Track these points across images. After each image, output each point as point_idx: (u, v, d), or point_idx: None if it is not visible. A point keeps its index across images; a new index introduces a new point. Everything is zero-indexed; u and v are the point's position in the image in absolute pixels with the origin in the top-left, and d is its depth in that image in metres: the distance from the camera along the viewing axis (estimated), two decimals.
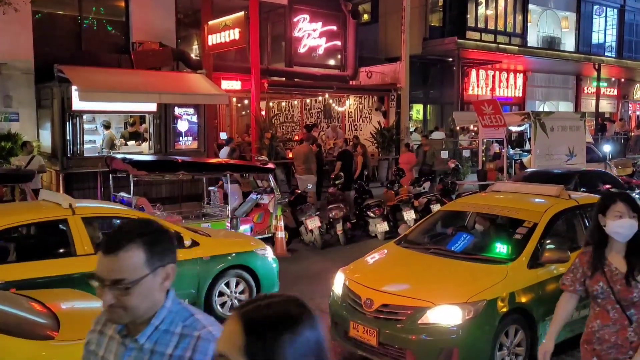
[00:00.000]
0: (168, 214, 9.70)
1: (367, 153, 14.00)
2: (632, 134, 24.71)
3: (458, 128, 18.70)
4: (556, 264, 5.06)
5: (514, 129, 13.96)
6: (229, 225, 9.45)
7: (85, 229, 5.48)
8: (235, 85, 15.49)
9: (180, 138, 12.45)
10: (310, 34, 18.25)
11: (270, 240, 9.88)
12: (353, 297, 5.10)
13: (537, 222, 5.38)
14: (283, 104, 21.59)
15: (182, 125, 12.45)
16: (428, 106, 22.11)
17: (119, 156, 9.37)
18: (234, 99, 18.30)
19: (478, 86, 22.05)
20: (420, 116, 21.98)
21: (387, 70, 18.93)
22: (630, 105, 30.37)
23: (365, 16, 22.77)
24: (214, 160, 11.04)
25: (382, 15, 21.48)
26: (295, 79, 17.66)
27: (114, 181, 9.57)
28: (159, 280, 1.62)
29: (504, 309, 4.64)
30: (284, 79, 17.50)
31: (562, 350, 5.30)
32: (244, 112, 19.90)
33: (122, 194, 9.33)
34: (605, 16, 28.71)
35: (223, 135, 16.97)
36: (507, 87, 23.30)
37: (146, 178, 10.01)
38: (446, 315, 4.54)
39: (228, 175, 9.63)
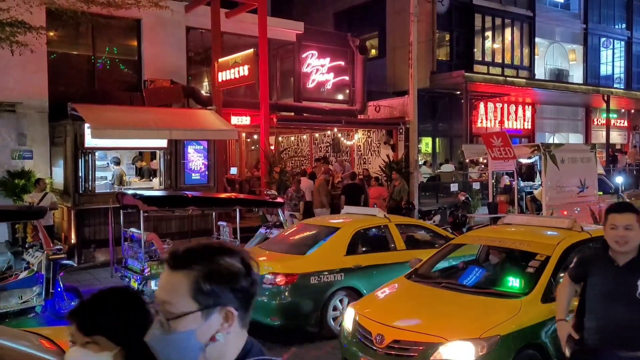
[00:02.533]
0: None
1: (365, 187, 14.05)
2: None
3: (467, 161, 18.67)
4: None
5: (524, 161, 13.90)
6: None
7: (398, 231, 7.67)
8: (245, 120, 15.68)
9: (191, 173, 12.54)
10: (319, 69, 18.53)
11: None
12: (363, 332, 5.01)
13: (550, 255, 5.29)
14: (292, 138, 21.78)
15: (192, 161, 12.56)
16: (437, 139, 22.17)
17: (130, 192, 9.43)
18: (244, 134, 18.50)
19: (487, 119, 22.13)
20: (430, 149, 22.02)
21: (395, 104, 19.09)
22: None
23: (373, 51, 23.14)
24: (223, 195, 11.08)
25: (389, 50, 21.82)
26: (304, 114, 17.86)
27: (125, 217, 9.60)
28: None
29: (518, 345, 4.52)
30: (292, 113, 17.70)
31: None
32: (253, 147, 20.10)
33: (132, 229, 9.35)
34: (613, 48, 28.91)
35: (233, 170, 17.10)
36: (515, 120, 23.35)
37: (156, 213, 10.04)
38: (459, 351, 4.44)
39: (237, 210, 9.64)
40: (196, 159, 12.53)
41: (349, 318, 5.35)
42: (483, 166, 18.61)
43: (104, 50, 14.16)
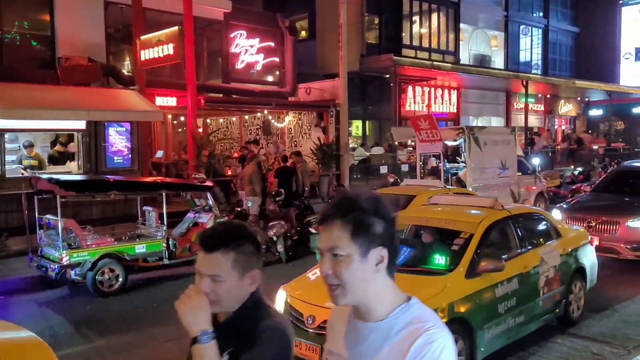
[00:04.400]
0: (100, 236, 9.25)
1: (297, 169, 13.96)
2: (559, 147, 26.04)
3: (396, 143, 19.03)
4: (492, 273, 5.12)
5: (449, 143, 14.30)
6: (164, 246, 9.10)
7: None
8: (171, 101, 15.11)
9: (113, 157, 11.95)
10: (248, 49, 18.16)
11: None
12: (295, 314, 4.98)
13: (474, 233, 5.45)
14: (221, 120, 21.31)
15: (114, 144, 11.97)
16: (367, 122, 22.44)
17: (45, 176, 8.86)
18: (170, 116, 17.87)
19: (415, 102, 22.63)
20: (360, 132, 22.26)
21: (326, 87, 19.09)
22: (556, 120, 32.09)
23: (303, 33, 22.98)
24: (148, 179, 10.65)
25: (319, 32, 21.73)
26: (233, 95, 17.47)
27: (40, 203, 9.01)
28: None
29: (444, 320, 4.62)
30: (221, 95, 17.27)
31: (500, 357, 5.38)
32: (180, 129, 19.47)
33: (49, 216, 8.81)
34: (531, 35, 30.35)
35: (159, 154, 16.47)
36: (442, 103, 24.05)
37: (75, 199, 9.50)
38: None
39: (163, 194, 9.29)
40: (118, 142, 11.97)
41: (280, 300, 5.27)
42: (411, 149, 19.03)
43: (13, 24, 13.15)
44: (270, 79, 19.37)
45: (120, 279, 8.44)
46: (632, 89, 30.72)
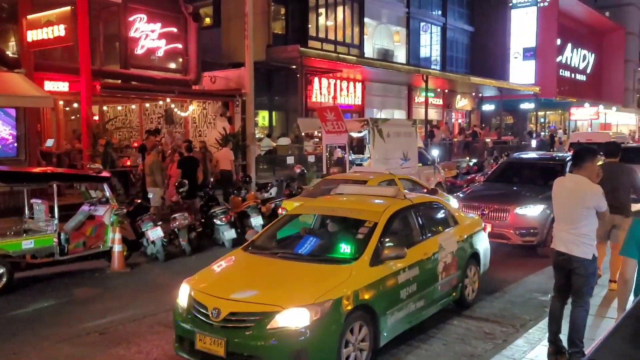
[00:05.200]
0: None
1: (206, 160, 13.63)
2: (455, 140, 27.53)
3: (303, 134, 19.12)
4: (394, 260, 5.28)
5: (354, 135, 14.60)
6: (55, 241, 8.47)
7: (401, 183, 9.74)
8: (62, 86, 14.06)
9: None
10: (149, 35, 17.33)
11: (107, 255, 9.09)
12: (199, 308, 4.84)
13: (377, 221, 5.58)
14: (119, 108, 20.24)
15: None
16: (273, 112, 22.34)
17: None
18: (61, 102, 16.66)
19: (321, 94, 22.87)
20: (266, 122, 22.12)
21: (232, 76, 18.72)
22: (453, 113, 33.90)
23: (207, 20, 22.35)
24: (37, 170, 9.84)
25: (224, 20, 21.26)
26: (133, 82, 16.61)
27: None
28: None
29: (349, 307, 4.70)
30: (119, 81, 16.36)
31: (402, 341, 5.56)
32: (73, 117, 18.22)
33: None
34: (431, 33, 31.71)
35: (49, 142, 15.30)
36: (347, 96, 24.51)
37: None
38: (294, 318, 4.49)
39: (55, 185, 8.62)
40: (2, 129, 11.00)
41: (183, 294, 5.10)
42: (318, 140, 19.21)
43: None
44: (173, 66, 18.65)
45: (4, 278, 7.74)
46: (520, 86, 33.20)
